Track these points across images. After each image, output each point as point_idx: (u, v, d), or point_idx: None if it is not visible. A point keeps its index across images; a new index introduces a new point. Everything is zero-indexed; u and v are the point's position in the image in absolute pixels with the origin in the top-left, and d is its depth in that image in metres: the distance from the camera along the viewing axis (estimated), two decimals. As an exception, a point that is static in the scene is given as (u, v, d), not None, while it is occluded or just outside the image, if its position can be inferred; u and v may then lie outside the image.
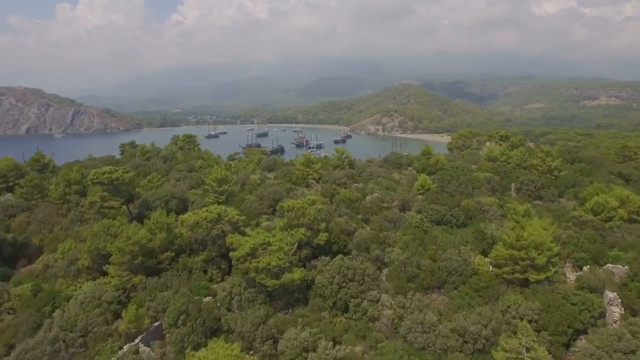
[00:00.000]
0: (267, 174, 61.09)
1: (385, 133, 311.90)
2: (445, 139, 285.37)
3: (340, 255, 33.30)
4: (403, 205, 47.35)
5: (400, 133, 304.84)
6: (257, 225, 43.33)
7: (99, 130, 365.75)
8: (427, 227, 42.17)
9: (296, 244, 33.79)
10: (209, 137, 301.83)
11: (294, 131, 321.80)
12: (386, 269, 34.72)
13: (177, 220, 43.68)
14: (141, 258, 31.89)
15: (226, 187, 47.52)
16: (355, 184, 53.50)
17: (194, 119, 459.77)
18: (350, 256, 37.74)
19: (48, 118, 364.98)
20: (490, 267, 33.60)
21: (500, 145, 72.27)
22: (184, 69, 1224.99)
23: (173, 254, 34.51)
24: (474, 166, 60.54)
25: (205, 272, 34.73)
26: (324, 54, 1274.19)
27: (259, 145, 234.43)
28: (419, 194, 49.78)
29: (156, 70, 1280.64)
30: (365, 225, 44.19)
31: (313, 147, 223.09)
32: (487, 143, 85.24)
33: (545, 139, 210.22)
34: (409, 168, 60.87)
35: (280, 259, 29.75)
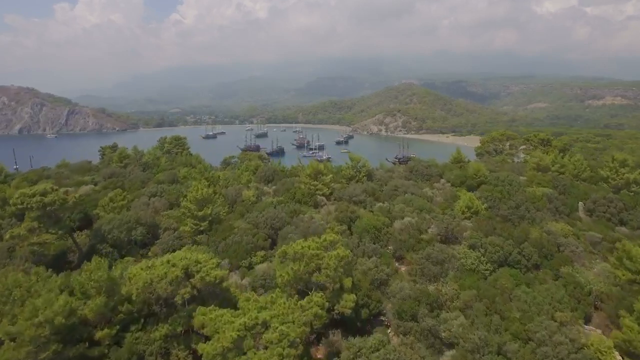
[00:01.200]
0: (265, 188, 48.46)
1: (389, 133, 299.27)
2: (451, 139, 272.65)
3: (379, 338, 20.74)
4: (446, 236, 34.81)
5: (404, 133, 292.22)
6: (250, 267, 30.79)
7: (94, 131, 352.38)
8: (486, 269, 29.75)
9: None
10: (207, 137, 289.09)
11: (294, 131, 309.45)
12: (448, 352, 22.20)
13: (142, 257, 31.32)
14: (55, 346, 19.29)
15: (208, 211, 34.88)
16: (379, 204, 40.90)
17: (192, 118, 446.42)
18: (385, 320, 25.47)
19: (42, 118, 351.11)
20: (617, 353, 21.08)
21: (548, 152, 59.56)
22: (183, 68, 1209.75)
23: (116, 329, 21.89)
24: (522, 178, 48.13)
25: (168, 354, 22.21)
26: (324, 53, 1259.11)
27: (258, 147, 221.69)
28: (465, 218, 37.20)
29: (156, 70, 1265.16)
30: (399, 267, 31.69)
31: (314, 149, 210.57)
32: (522, 147, 73.02)
33: (560, 140, 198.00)
34: (442, 180, 48.38)
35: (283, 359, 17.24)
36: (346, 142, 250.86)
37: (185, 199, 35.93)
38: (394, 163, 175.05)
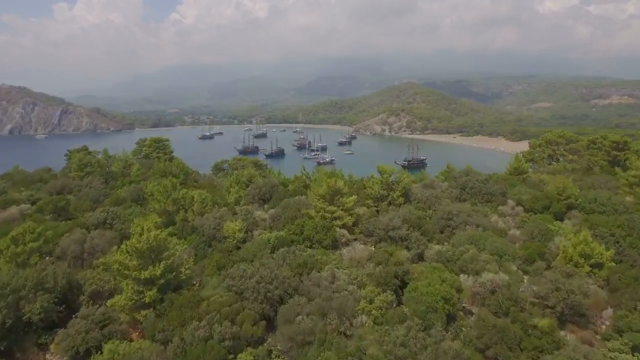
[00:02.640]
0: (258, 213, 33.63)
1: (392, 134, 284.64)
2: (458, 139, 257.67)
3: None
4: (562, 312, 20.14)
5: (409, 134, 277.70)
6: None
7: (88, 131, 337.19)
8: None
9: None
10: (203, 138, 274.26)
11: (294, 131, 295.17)
12: None
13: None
14: None
15: (157, 271, 20.08)
16: (436, 246, 26.20)
17: (190, 118, 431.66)
18: None
19: (34, 118, 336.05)
20: None
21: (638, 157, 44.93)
22: (182, 68, 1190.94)
23: None
24: (627, 198, 33.56)
25: None
26: (323, 53, 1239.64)
27: (256, 148, 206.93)
28: (587, 274, 22.46)
29: (155, 70, 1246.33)
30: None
31: (316, 150, 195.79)
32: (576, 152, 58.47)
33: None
34: (509, 202, 33.72)
35: None
36: (349, 143, 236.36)
37: (122, 247, 21.11)
38: (403, 166, 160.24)
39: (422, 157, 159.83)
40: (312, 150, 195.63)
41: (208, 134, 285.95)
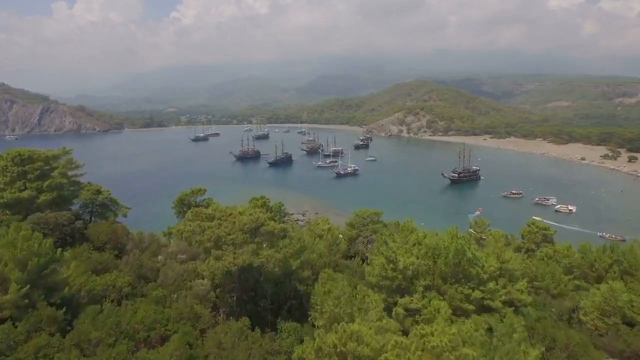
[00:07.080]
0: None
1: (411, 135, 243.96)
2: (490, 142, 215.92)
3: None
4: None
5: (430, 135, 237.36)
6: None
7: (72, 131, 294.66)
8: None
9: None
10: (196, 140, 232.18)
11: (299, 132, 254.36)
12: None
13: None
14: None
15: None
16: None
17: (187, 118, 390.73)
18: None
19: (11, 117, 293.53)
20: None
21: None
22: (181, 68, 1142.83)
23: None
24: None
25: None
26: (323, 52, 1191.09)
27: (257, 153, 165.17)
28: None
29: (154, 70, 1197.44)
30: None
31: (332, 155, 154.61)
32: None
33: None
34: None
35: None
36: (366, 146, 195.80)
37: None
38: (452, 180, 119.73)
39: (474, 167, 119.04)
40: (327, 156, 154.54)
41: (202, 135, 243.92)
